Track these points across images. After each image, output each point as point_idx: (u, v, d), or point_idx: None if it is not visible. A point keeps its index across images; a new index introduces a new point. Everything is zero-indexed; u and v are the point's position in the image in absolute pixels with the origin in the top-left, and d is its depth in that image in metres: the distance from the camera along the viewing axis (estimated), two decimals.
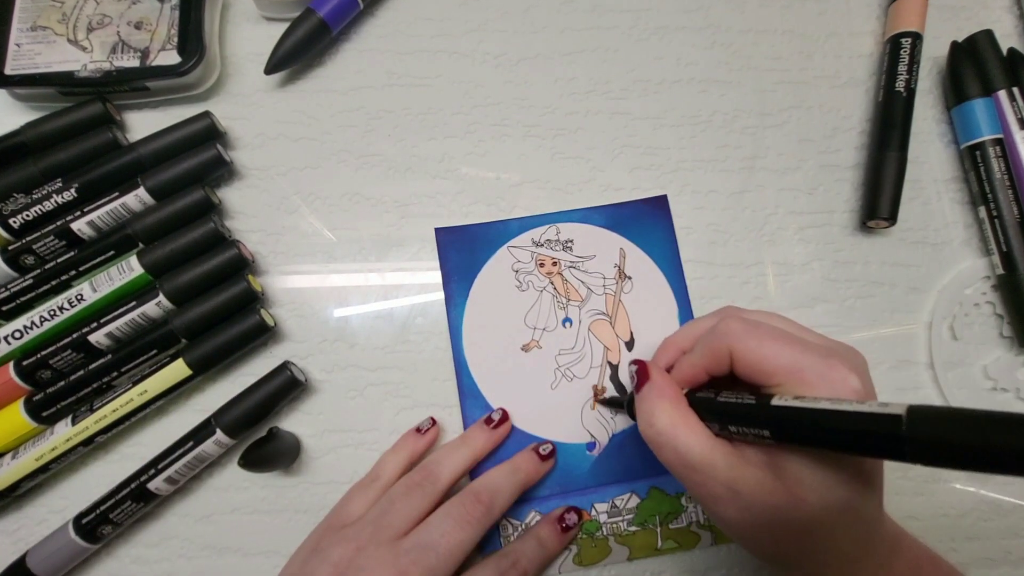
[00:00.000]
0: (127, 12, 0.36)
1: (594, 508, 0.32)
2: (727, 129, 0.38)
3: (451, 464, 0.30)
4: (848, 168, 0.38)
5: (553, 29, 0.40)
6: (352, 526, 0.29)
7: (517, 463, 0.31)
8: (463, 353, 0.34)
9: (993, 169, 0.35)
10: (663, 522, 0.32)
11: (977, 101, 0.36)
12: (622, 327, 0.35)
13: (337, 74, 0.39)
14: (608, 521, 0.32)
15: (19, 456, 0.31)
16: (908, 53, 0.37)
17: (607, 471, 0.33)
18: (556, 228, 0.36)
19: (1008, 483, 0.33)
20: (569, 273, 0.35)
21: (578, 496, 0.32)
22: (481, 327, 0.34)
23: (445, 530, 0.28)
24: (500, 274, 0.35)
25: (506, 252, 0.35)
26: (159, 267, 0.33)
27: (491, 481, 0.30)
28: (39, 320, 0.32)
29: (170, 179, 0.34)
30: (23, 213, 0.33)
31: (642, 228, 0.36)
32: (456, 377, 0.34)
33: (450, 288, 0.35)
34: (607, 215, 0.36)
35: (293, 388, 0.32)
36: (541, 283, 0.35)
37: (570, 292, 0.35)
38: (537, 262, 0.35)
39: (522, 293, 0.35)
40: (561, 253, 0.35)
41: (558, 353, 0.34)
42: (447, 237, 0.36)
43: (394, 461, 0.31)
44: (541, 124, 0.38)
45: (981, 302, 0.36)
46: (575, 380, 0.34)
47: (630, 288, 0.35)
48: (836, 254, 0.37)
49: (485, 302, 0.35)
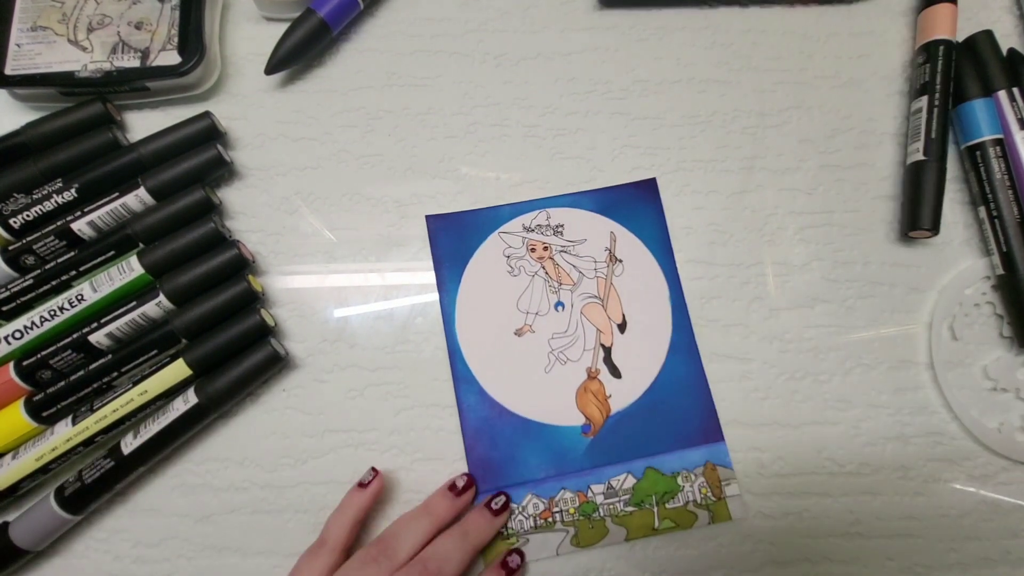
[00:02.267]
0: (127, 12, 0.36)
1: (591, 489, 0.32)
2: (727, 129, 0.38)
3: (410, 538, 0.29)
4: (848, 168, 0.38)
5: (553, 29, 0.40)
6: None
7: (468, 526, 0.30)
8: (456, 339, 0.34)
9: (993, 169, 0.35)
10: (660, 502, 0.32)
11: (977, 101, 0.36)
12: (614, 310, 0.35)
13: (337, 74, 0.39)
14: (605, 502, 0.32)
15: (19, 456, 0.31)
16: (942, 61, 0.37)
17: (602, 452, 0.33)
18: (547, 213, 0.36)
19: (1008, 483, 0.33)
20: (560, 257, 0.36)
21: (574, 478, 0.33)
22: (474, 313, 0.35)
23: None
24: (492, 260, 0.36)
25: (497, 238, 0.36)
26: (159, 267, 0.33)
27: (440, 550, 0.29)
28: (39, 320, 0.32)
29: (170, 179, 0.34)
30: (23, 213, 0.33)
31: (632, 211, 0.36)
32: (450, 363, 0.34)
33: (442, 274, 0.35)
34: (597, 199, 0.37)
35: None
36: (533, 268, 0.35)
37: (562, 276, 0.35)
38: (528, 247, 0.36)
39: (514, 278, 0.35)
40: (552, 238, 0.36)
41: (551, 337, 0.35)
42: (438, 224, 0.36)
43: (339, 523, 0.30)
44: (541, 124, 0.38)
45: (981, 302, 0.36)
46: (569, 363, 0.34)
47: (621, 271, 0.35)
48: (836, 254, 0.37)
49: (477, 288, 0.35)
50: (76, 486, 0.30)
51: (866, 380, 0.35)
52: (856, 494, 0.33)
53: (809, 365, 0.35)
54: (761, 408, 0.34)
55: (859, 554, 0.32)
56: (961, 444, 0.34)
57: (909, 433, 0.34)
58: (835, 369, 0.35)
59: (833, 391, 0.34)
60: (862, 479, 0.33)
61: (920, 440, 0.34)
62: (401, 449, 0.34)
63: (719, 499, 0.32)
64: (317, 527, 0.32)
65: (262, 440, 0.33)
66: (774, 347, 0.35)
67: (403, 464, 0.33)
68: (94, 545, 0.32)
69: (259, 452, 0.33)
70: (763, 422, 0.34)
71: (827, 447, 0.34)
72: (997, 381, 0.35)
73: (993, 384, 0.35)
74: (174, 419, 0.31)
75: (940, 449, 0.34)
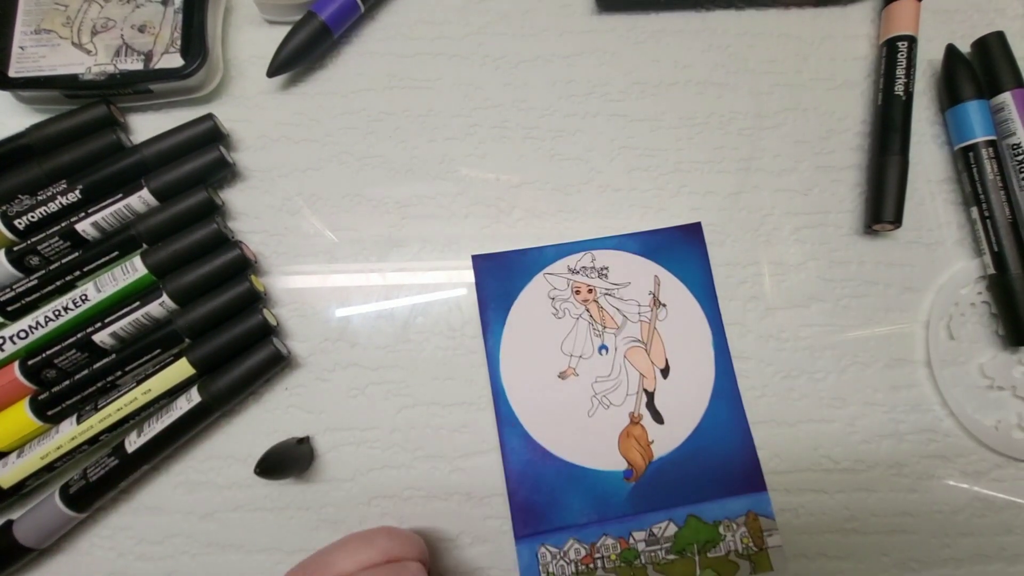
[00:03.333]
0: (131, 15, 0.37)
1: (632, 536, 0.32)
2: (724, 131, 0.39)
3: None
4: (843, 169, 0.38)
5: (552, 32, 0.40)
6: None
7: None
8: (501, 381, 0.34)
9: (986, 170, 0.36)
10: (701, 551, 0.32)
11: (971, 103, 0.37)
12: (657, 354, 0.35)
13: (338, 77, 0.39)
14: (646, 549, 0.32)
15: (24, 455, 0.31)
16: (905, 56, 0.37)
17: (644, 499, 0.32)
18: (592, 255, 0.36)
19: (1001, 480, 0.34)
20: (605, 300, 0.35)
21: (616, 523, 0.32)
22: (518, 355, 0.34)
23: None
24: (536, 301, 0.35)
25: (542, 279, 0.35)
26: (163, 268, 0.33)
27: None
28: (44, 320, 0.32)
29: (173, 181, 0.35)
30: (28, 214, 0.34)
31: (677, 255, 0.36)
32: (494, 406, 0.34)
33: (487, 315, 0.35)
34: (641, 242, 0.36)
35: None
36: (577, 310, 0.35)
37: (606, 319, 0.35)
38: (573, 289, 0.35)
39: (558, 320, 0.35)
40: (597, 280, 0.35)
41: (595, 380, 0.34)
42: (484, 264, 0.35)
43: None
44: (540, 126, 0.39)
45: (977, 302, 0.36)
46: (611, 407, 0.34)
47: (664, 315, 0.35)
48: (831, 254, 0.37)
49: (522, 330, 0.35)
50: (81, 484, 0.31)
51: (861, 378, 0.35)
52: (851, 491, 0.33)
53: (805, 363, 0.35)
54: (757, 406, 0.34)
55: (854, 550, 0.33)
56: (955, 441, 0.34)
57: (903, 430, 0.34)
58: (831, 367, 0.35)
59: (829, 389, 0.35)
60: (857, 476, 0.34)
61: (914, 437, 0.34)
62: (402, 447, 0.34)
63: (761, 549, 0.32)
64: (319, 524, 0.33)
65: (264, 438, 0.34)
66: (770, 346, 0.35)
67: (404, 462, 0.34)
68: (98, 542, 0.33)
69: (262, 450, 0.33)
70: (759, 420, 0.34)
71: (823, 444, 0.34)
72: (993, 379, 0.35)
73: (990, 382, 0.35)
74: (177, 418, 0.32)
75: (934, 446, 0.34)
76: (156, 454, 0.32)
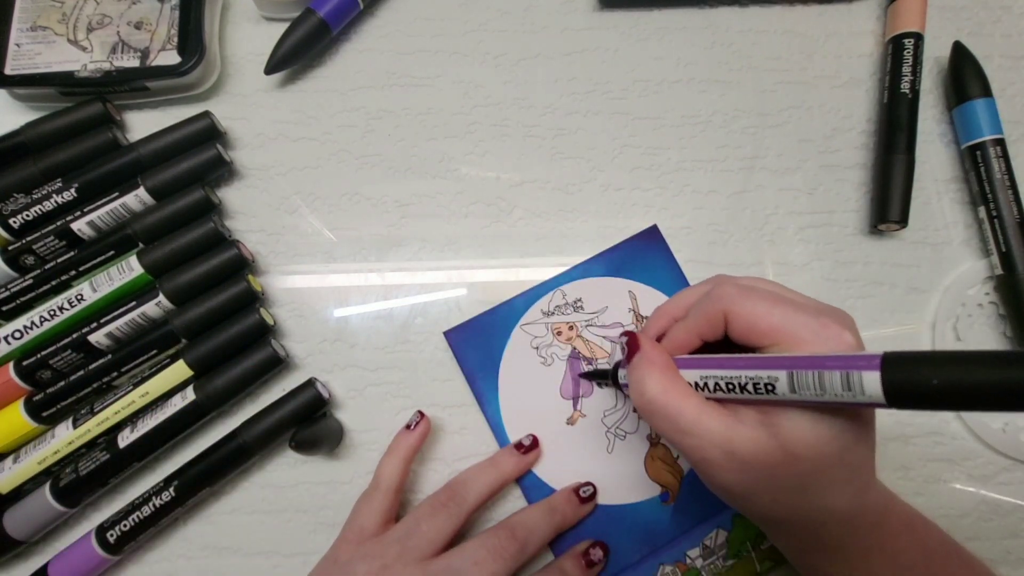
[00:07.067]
0: (127, 12, 0.36)
1: (687, 556, 0.32)
2: (727, 129, 0.38)
3: (478, 486, 0.30)
4: (848, 168, 0.38)
5: (553, 29, 0.40)
6: (375, 542, 0.28)
7: (555, 503, 0.31)
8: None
9: (993, 169, 0.35)
10: (755, 546, 0.32)
11: (978, 101, 0.36)
12: None
13: (337, 74, 0.39)
14: (705, 564, 0.31)
15: (22, 460, 0.31)
16: (911, 54, 0.37)
17: (688, 515, 0.32)
18: (561, 292, 0.35)
19: (1008, 483, 0.33)
20: (588, 332, 0.34)
21: (669, 549, 0.32)
22: (521, 417, 0.33)
23: (478, 559, 0.27)
24: (521, 356, 0.34)
25: (520, 332, 0.34)
26: (159, 267, 0.33)
27: (528, 519, 0.30)
28: (39, 320, 0.32)
29: (170, 179, 0.34)
30: (23, 213, 0.33)
31: (643, 264, 0.35)
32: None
33: (477, 387, 0.34)
34: (605, 262, 0.35)
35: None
36: (564, 352, 0.34)
37: (595, 351, 0.34)
38: (554, 332, 0.34)
39: (548, 368, 0.34)
40: (574, 315, 0.35)
41: (603, 416, 0.34)
42: (458, 336, 0.34)
43: (391, 464, 0.31)
44: (541, 124, 0.38)
45: (984, 303, 0.36)
46: (628, 437, 0.33)
47: None
48: (836, 254, 0.37)
49: (516, 390, 0.34)
50: (71, 477, 0.30)
51: None
52: None
53: None
54: None
55: None
56: (961, 444, 0.34)
57: (910, 433, 0.34)
58: None
59: None
60: None
61: (921, 440, 0.34)
62: None
63: None
64: (317, 527, 0.32)
65: None
66: None
67: None
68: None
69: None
70: None
71: None
72: None
73: None
74: (170, 414, 0.31)
75: (940, 449, 0.34)
76: (149, 451, 0.31)
